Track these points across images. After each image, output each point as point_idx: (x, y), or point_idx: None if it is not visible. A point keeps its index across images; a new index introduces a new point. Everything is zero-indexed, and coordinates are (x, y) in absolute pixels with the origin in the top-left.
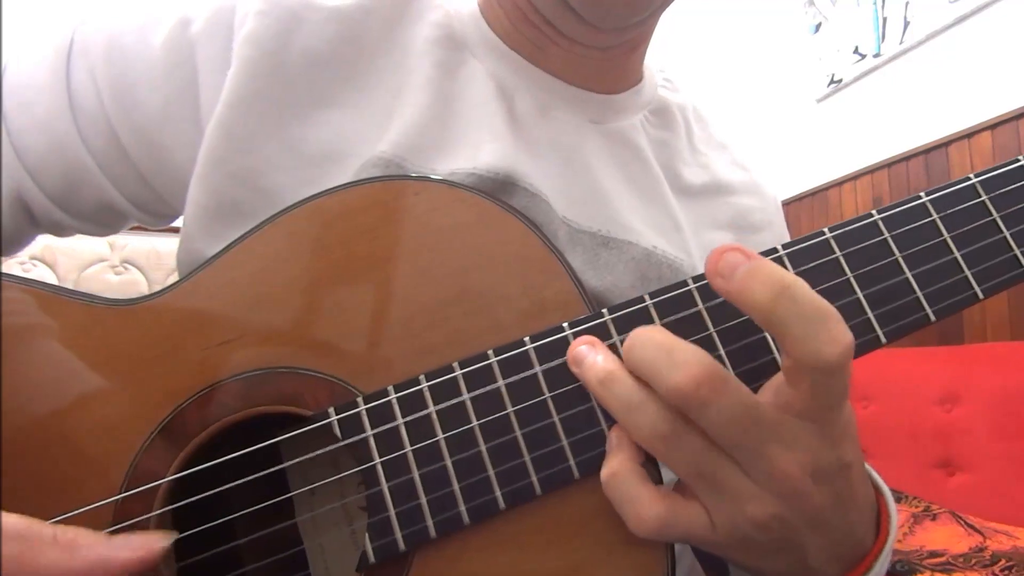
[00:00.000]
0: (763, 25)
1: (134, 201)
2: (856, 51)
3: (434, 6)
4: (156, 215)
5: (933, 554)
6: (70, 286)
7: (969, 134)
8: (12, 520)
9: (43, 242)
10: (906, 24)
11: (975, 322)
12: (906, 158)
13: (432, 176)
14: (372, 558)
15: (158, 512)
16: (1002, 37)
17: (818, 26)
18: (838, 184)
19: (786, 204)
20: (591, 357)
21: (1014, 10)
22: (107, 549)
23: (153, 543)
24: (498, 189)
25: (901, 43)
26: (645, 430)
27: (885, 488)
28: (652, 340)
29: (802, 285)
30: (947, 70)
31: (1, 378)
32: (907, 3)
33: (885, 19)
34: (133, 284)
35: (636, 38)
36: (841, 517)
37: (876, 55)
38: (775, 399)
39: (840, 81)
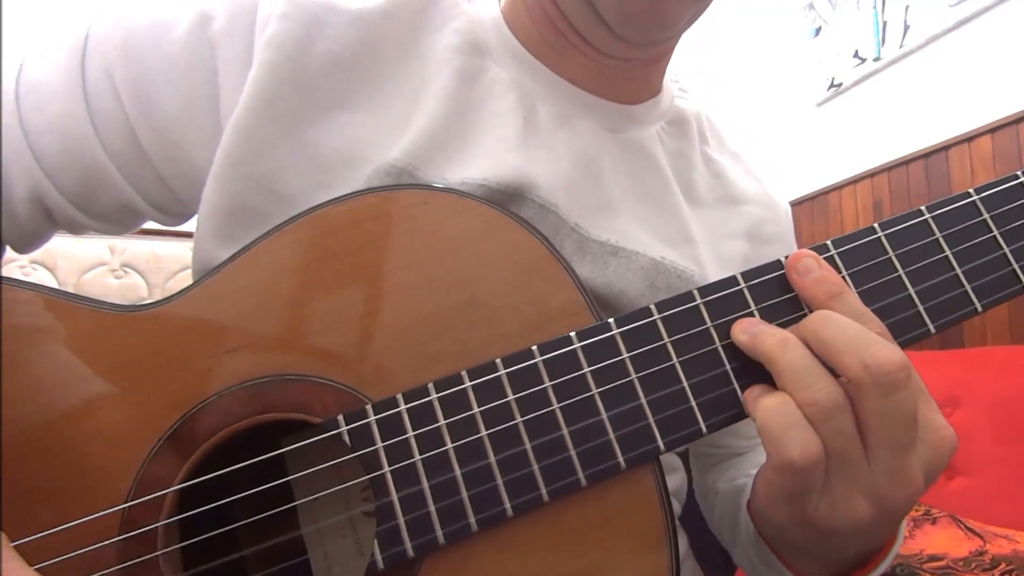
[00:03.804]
0: (763, 29)
1: (151, 201)
2: (856, 55)
3: (457, 13)
4: (173, 215)
5: (933, 558)
6: (70, 290)
7: (969, 138)
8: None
9: (43, 246)
10: (906, 28)
11: (975, 326)
12: (906, 162)
13: (438, 185)
14: (381, 565)
15: (165, 522)
16: (1002, 41)
17: (818, 30)
18: (838, 188)
19: None
20: (765, 326)
21: (1014, 14)
22: None
23: None
24: (507, 201)
25: (901, 47)
26: (818, 392)
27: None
28: (849, 321)
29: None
30: (947, 74)
31: (1, 380)
32: (907, 7)
33: (885, 23)
34: (133, 288)
35: (659, 52)
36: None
37: (876, 59)
38: None
39: (840, 85)
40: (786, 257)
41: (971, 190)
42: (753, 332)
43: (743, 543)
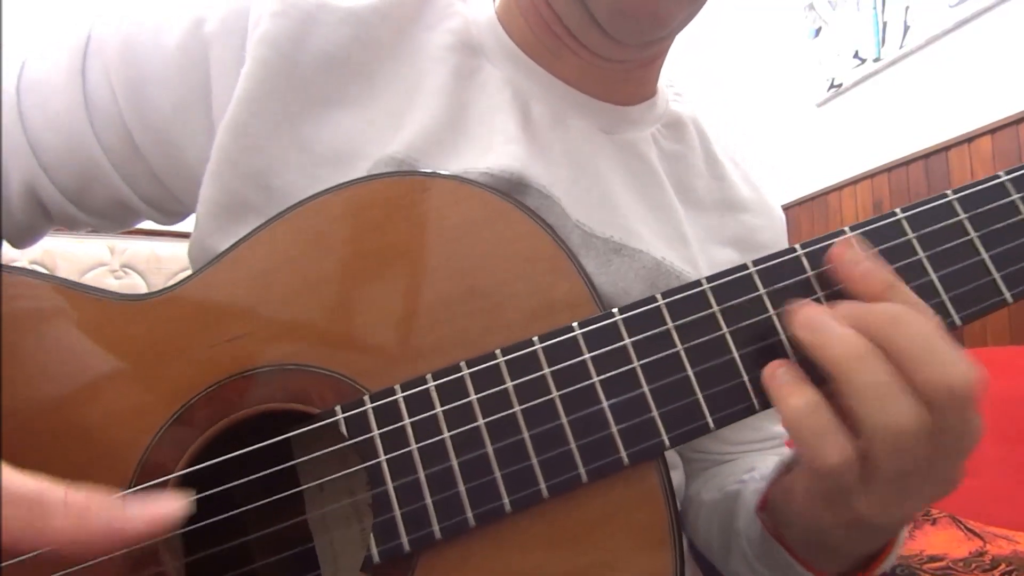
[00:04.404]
0: (763, 29)
1: (146, 199)
2: (856, 55)
3: (451, 13)
4: (168, 213)
5: (933, 558)
6: None
7: (969, 138)
8: (21, 481)
9: (43, 247)
10: (906, 28)
11: (975, 327)
12: (906, 163)
13: (442, 172)
14: (376, 559)
15: None
16: (1002, 41)
17: (818, 30)
18: (838, 188)
19: (786, 208)
20: (830, 322)
21: (1014, 14)
22: (119, 515)
23: (167, 509)
24: (511, 189)
25: (901, 47)
26: (899, 419)
27: None
28: (921, 323)
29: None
30: (947, 74)
31: (1, 368)
32: (907, 7)
33: (885, 23)
34: (133, 288)
35: (653, 54)
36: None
37: (876, 59)
38: None
39: (840, 85)
40: (803, 245)
41: (1001, 172)
42: (819, 329)
43: (742, 551)
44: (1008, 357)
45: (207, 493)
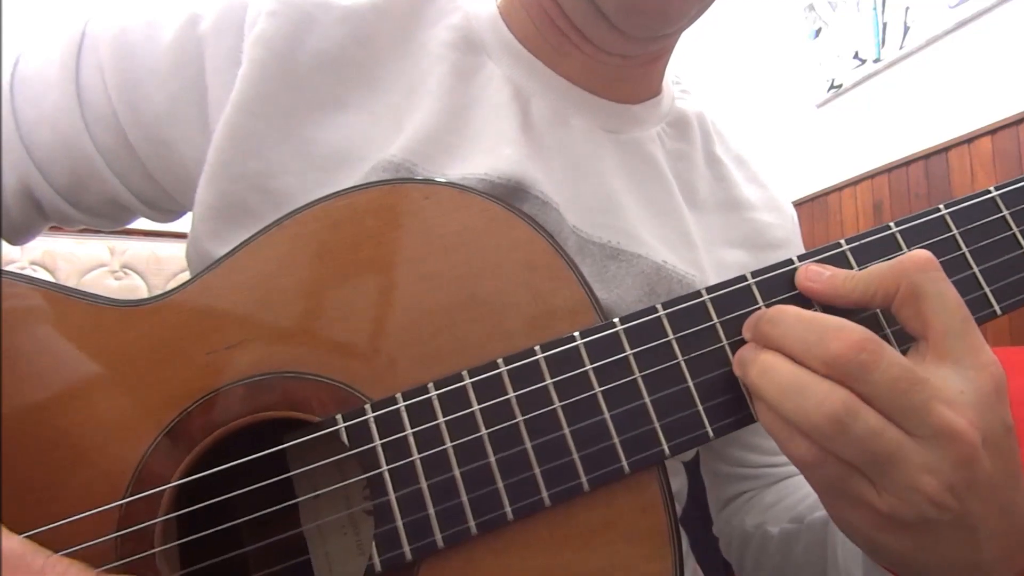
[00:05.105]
0: (763, 30)
1: (140, 197)
2: (856, 56)
3: (452, 8)
4: (162, 211)
5: None
6: None
7: (969, 139)
8: (7, 543)
9: (43, 247)
10: (906, 29)
11: None
12: (906, 163)
13: (440, 180)
14: (379, 567)
15: (163, 518)
16: (1002, 42)
17: (818, 31)
18: (838, 189)
19: None
20: (750, 353)
21: (1015, 15)
22: None
23: None
24: (509, 195)
25: (901, 48)
26: (818, 410)
27: None
28: (793, 314)
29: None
30: (947, 75)
31: (1, 375)
32: (907, 8)
33: (885, 24)
34: (133, 289)
35: (659, 50)
36: (1011, 490)
37: (876, 60)
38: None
39: (840, 86)
40: (798, 257)
41: (991, 188)
42: (743, 363)
43: None
44: (1008, 357)
45: (203, 505)
